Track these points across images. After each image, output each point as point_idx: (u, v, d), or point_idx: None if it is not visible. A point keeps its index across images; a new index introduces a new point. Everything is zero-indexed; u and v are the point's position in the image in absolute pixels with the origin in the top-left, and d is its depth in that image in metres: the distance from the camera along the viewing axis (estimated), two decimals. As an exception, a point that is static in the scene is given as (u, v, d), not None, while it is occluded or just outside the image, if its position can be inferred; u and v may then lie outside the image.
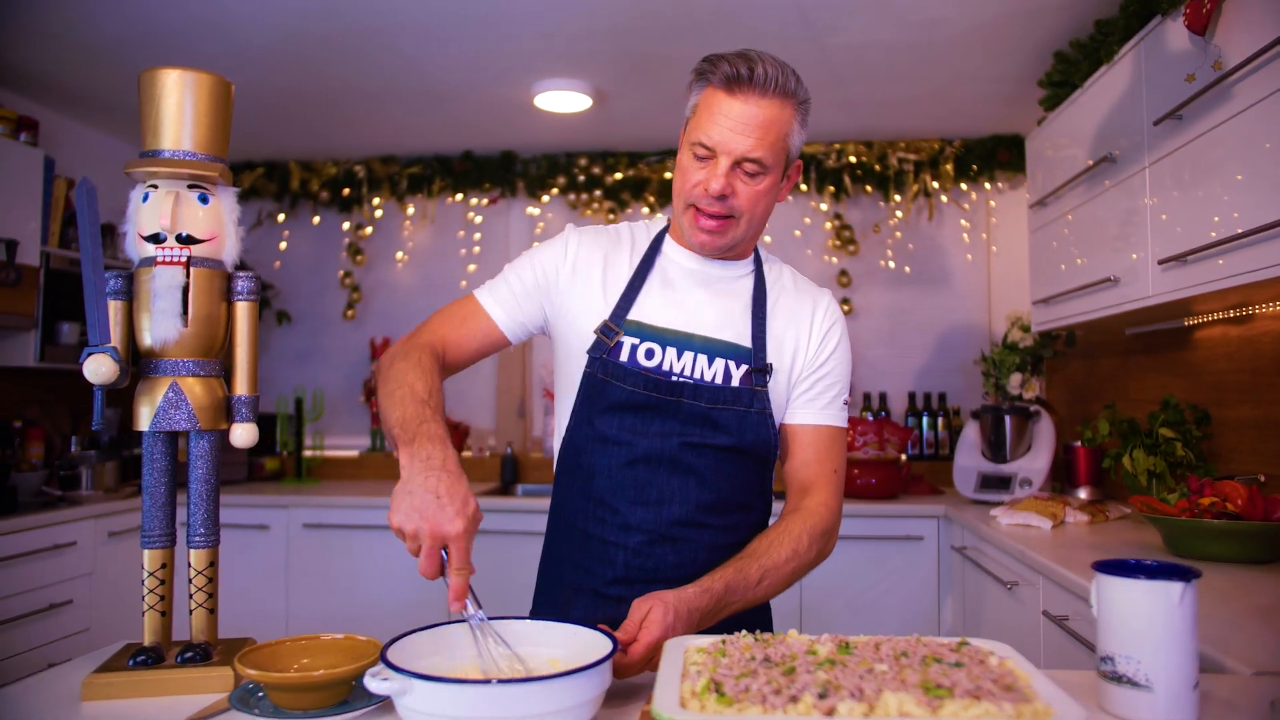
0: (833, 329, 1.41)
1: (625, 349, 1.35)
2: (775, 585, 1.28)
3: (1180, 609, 0.98)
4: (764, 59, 1.26)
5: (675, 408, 1.33)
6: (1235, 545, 1.91)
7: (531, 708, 0.85)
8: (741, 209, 1.31)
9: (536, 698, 0.85)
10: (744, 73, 1.24)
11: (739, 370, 1.35)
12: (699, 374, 1.34)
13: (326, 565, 3.33)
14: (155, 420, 1.13)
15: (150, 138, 1.15)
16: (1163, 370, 2.75)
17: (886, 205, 3.85)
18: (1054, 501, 2.63)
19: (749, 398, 1.35)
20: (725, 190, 1.28)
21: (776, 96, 1.26)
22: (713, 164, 1.28)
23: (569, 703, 0.87)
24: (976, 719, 0.75)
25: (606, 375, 1.34)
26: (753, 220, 1.34)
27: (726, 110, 1.26)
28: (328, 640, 1.10)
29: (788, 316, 1.40)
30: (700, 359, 1.35)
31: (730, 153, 1.26)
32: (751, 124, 1.25)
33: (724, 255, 1.41)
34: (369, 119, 3.58)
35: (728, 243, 1.35)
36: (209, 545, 1.18)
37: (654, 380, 1.33)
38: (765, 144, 1.26)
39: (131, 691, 1.07)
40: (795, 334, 1.39)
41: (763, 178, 1.29)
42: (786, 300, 1.41)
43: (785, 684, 0.81)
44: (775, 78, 1.25)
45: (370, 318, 4.14)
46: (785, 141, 1.29)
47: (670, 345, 1.35)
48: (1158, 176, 2.12)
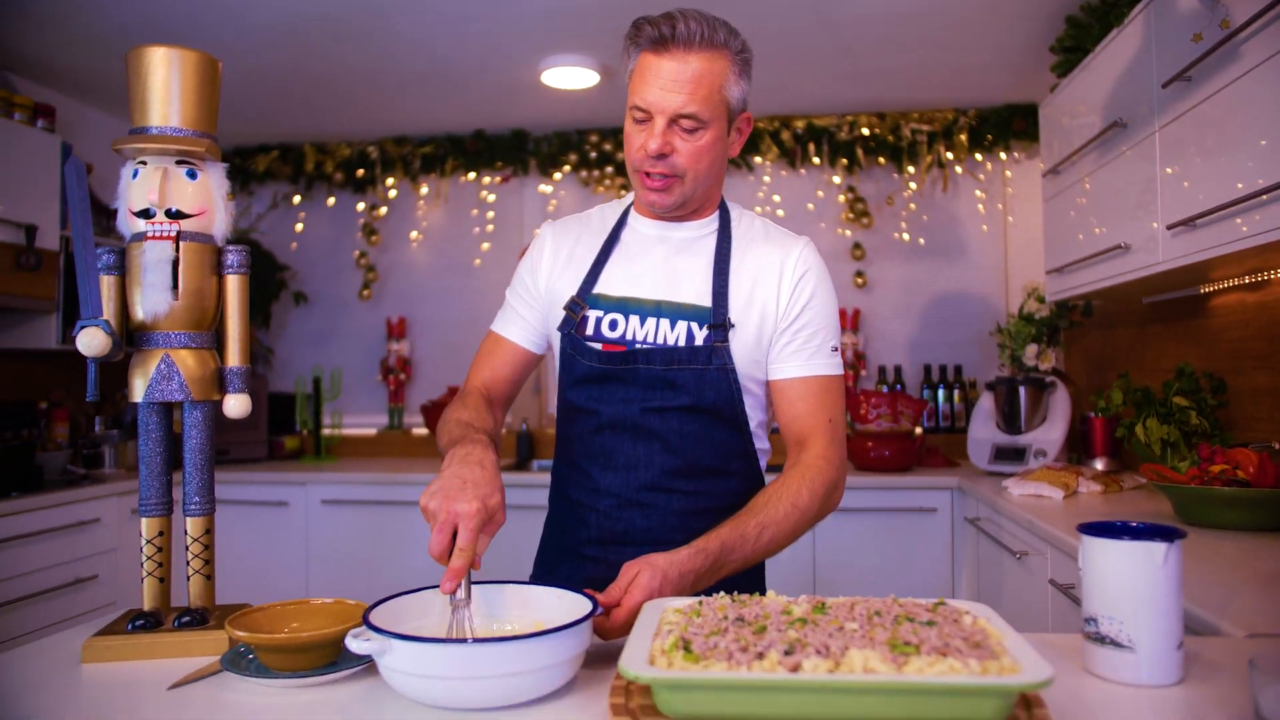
0: (806, 276, 1.38)
1: (590, 322, 1.38)
2: (776, 540, 1.26)
3: (1164, 570, 0.98)
4: (688, 16, 1.28)
5: (633, 375, 1.35)
6: (1245, 513, 1.88)
7: (508, 666, 0.87)
8: (684, 167, 1.32)
9: (513, 657, 0.87)
10: (667, 32, 1.27)
11: (702, 331, 1.35)
12: (661, 338, 1.35)
13: (345, 541, 3.38)
14: (149, 391, 1.15)
15: (138, 114, 1.17)
16: (1179, 339, 2.71)
17: (900, 177, 3.81)
18: (1067, 472, 2.61)
19: (707, 355, 1.34)
20: (664, 149, 1.29)
21: (703, 49, 1.27)
22: (650, 125, 1.30)
23: (545, 662, 0.89)
24: (940, 675, 0.75)
25: (573, 349, 1.39)
26: (699, 176, 1.34)
27: (656, 70, 1.28)
28: (317, 605, 1.12)
29: (757, 268, 1.38)
30: (663, 324, 1.36)
31: (664, 111, 1.28)
32: (680, 80, 1.27)
33: (683, 216, 1.41)
34: (381, 100, 3.59)
35: (675, 200, 1.35)
36: (205, 513, 1.20)
37: (610, 353, 1.36)
38: (698, 98, 1.27)
39: (129, 654, 1.10)
40: (766, 285, 1.37)
41: (702, 133, 1.30)
42: (756, 251, 1.40)
43: (753, 641, 0.82)
44: (699, 32, 1.27)
45: (386, 297, 4.17)
46: (721, 94, 1.30)
47: (633, 314, 1.37)
48: (1167, 140, 2.08)
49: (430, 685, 0.88)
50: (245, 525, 3.40)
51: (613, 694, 0.85)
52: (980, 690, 0.74)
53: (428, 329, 4.16)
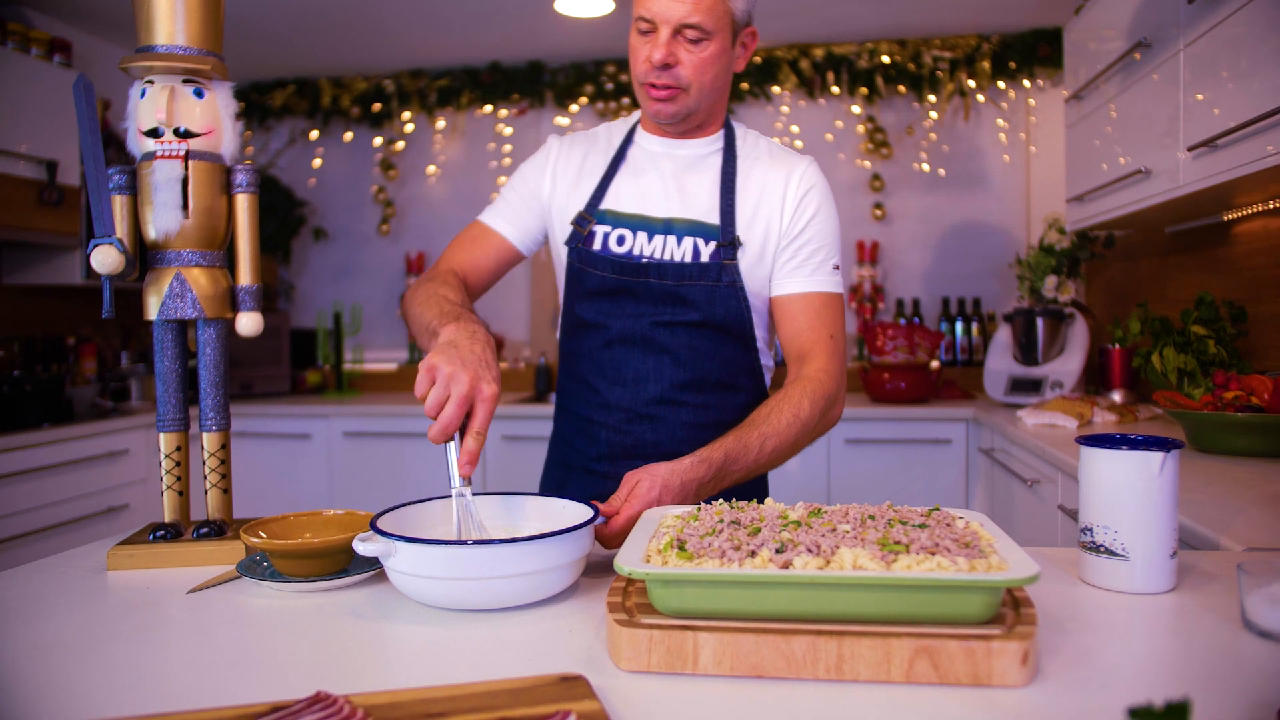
0: (809, 194, 1.39)
1: (598, 237, 1.40)
2: (779, 450, 1.28)
3: (1160, 479, 0.98)
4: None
5: (645, 289, 1.37)
6: (1259, 438, 1.88)
7: (510, 568, 0.90)
8: (688, 78, 1.32)
9: (515, 558, 0.89)
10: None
11: (708, 247, 1.36)
12: (668, 255, 1.37)
13: (366, 472, 3.45)
14: (163, 309, 1.18)
15: (144, 33, 1.18)
16: (1201, 269, 2.67)
17: (921, 106, 3.74)
18: (1082, 402, 2.61)
19: (717, 271, 1.36)
20: (668, 59, 1.30)
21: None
22: (654, 35, 1.30)
23: (546, 565, 0.91)
24: (929, 570, 0.77)
25: (581, 263, 1.40)
26: (703, 89, 1.34)
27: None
28: (329, 515, 1.15)
29: (761, 186, 1.39)
30: (669, 240, 1.37)
31: (668, 20, 1.28)
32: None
33: (688, 132, 1.42)
34: (396, 32, 3.56)
35: (679, 110, 1.35)
36: (221, 428, 1.23)
37: (621, 264, 1.37)
38: (702, 8, 1.28)
39: (151, 562, 1.15)
40: (769, 203, 1.38)
41: (707, 44, 1.30)
42: (760, 170, 1.41)
43: (746, 541, 0.84)
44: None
45: (405, 232, 4.18)
46: (724, 5, 1.30)
47: (640, 230, 1.38)
48: (1192, 60, 2.02)
49: (434, 586, 0.91)
50: (269, 457, 3.47)
51: (610, 593, 0.87)
52: (966, 585, 0.76)
53: (446, 264, 4.17)
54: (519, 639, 0.86)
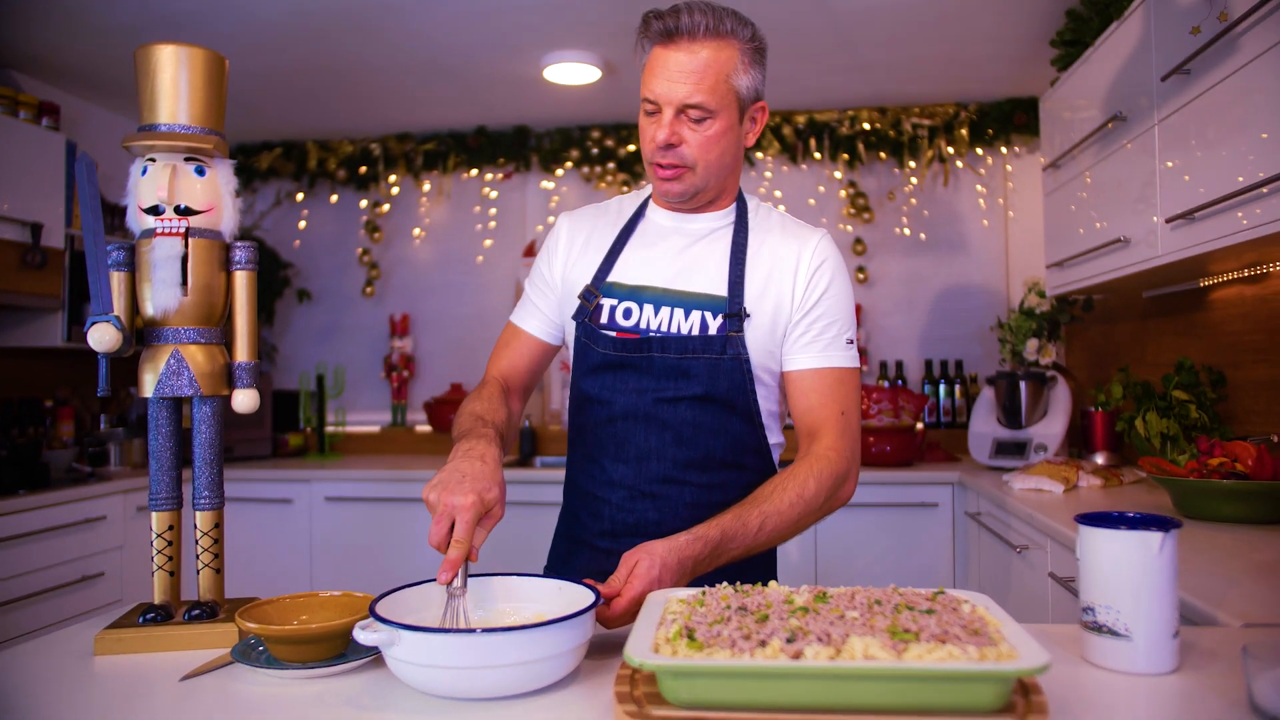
0: (822, 267, 1.38)
1: (605, 311, 1.40)
2: (779, 530, 1.26)
3: (1160, 559, 0.99)
4: (694, 8, 1.29)
5: (647, 363, 1.36)
6: (1244, 505, 1.89)
7: (513, 656, 0.88)
8: (693, 157, 1.33)
9: (518, 646, 0.88)
10: (673, 24, 1.29)
11: (716, 320, 1.36)
12: (675, 327, 1.36)
13: (348, 538, 3.39)
14: (159, 387, 1.17)
15: (147, 112, 1.18)
16: (1180, 333, 2.72)
17: (901, 172, 3.82)
18: (1067, 466, 2.63)
19: (721, 344, 1.35)
20: (671, 139, 1.31)
21: (709, 39, 1.29)
22: (659, 116, 1.32)
23: (550, 652, 0.90)
24: (940, 661, 0.77)
25: (587, 339, 1.41)
26: (709, 166, 1.34)
27: (664, 62, 1.30)
28: (325, 597, 1.13)
29: (773, 259, 1.38)
30: (677, 313, 1.37)
31: (670, 102, 1.29)
32: (687, 70, 1.28)
33: (699, 207, 1.42)
34: (383, 96, 3.60)
35: (686, 189, 1.36)
36: (214, 507, 1.22)
37: (624, 340, 1.37)
38: (704, 88, 1.28)
39: (141, 646, 1.12)
40: (781, 277, 1.37)
41: (711, 122, 1.31)
42: (772, 243, 1.40)
43: (756, 630, 0.83)
44: (704, 23, 1.28)
45: (389, 294, 4.19)
46: (728, 83, 1.30)
47: (647, 302, 1.38)
48: (1167, 133, 2.09)
49: (436, 675, 0.90)
50: (250, 523, 3.42)
51: (618, 683, 0.86)
52: (978, 676, 0.76)
53: (431, 326, 4.17)
54: (525, 730, 0.85)
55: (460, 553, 1.05)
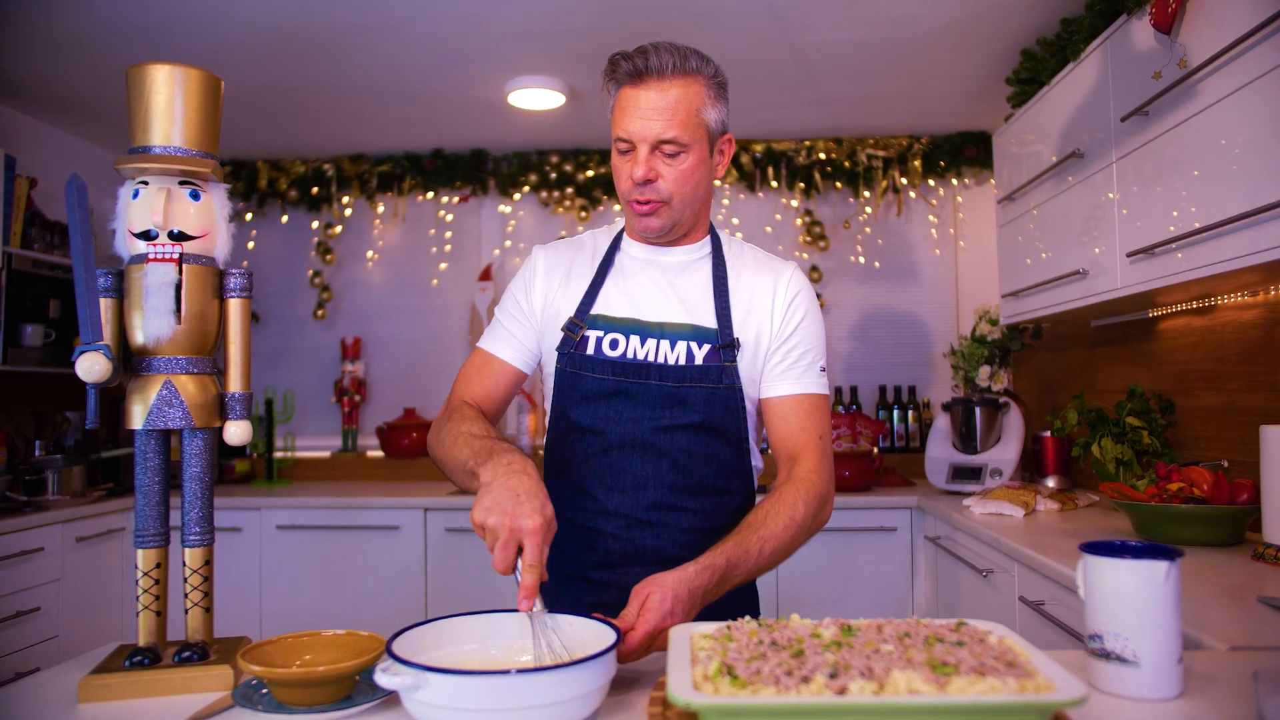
0: (797, 298, 1.43)
1: (591, 342, 1.41)
2: (776, 553, 1.29)
3: (1165, 587, 1.01)
4: (660, 48, 1.33)
5: (644, 390, 1.37)
6: (1202, 528, 1.96)
7: (548, 696, 0.86)
8: (669, 191, 1.35)
9: (553, 686, 0.86)
10: (641, 65, 1.32)
11: (701, 350, 1.38)
12: (662, 358, 1.38)
13: (300, 567, 3.29)
14: (149, 418, 1.12)
15: (140, 133, 1.14)
16: (1128, 361, 2.82)
17: (856, 201, 3.89)
18: (1025, 490, 2.69)
19: (717, 374, 1.38)
20: (648, 174, 1.33)
21: (677, 77, 1.32)
22: (634, 154, 1.34)
23: (581, 690, 0.89)
24: (983, 694, 0.77)
25: (576, 368, 1.40)
26: (685, 200, 1.37)
27: (635, 102, 1.32)
28: (329, 636, 1.09)
29: (751, 291, 1.43)
30: (663, 344, 1.39)
31: (645, 139, 1.32)
32: (658, 108, 1.31)
33: (675, 240, 1.45)
34: (339, 117, 3.54)
35: (665, 223, 1.39)
36: (204, 544, 1.17)
37: (621, 365, 1.38)
38: (676, 123, 1.32)
39: (130, 692, 1.07)
40: (759, 308, 1.42)
41: (685, 156, 1.34)
42: (748, 276, 1.44)
43: (795, 665, 0.83)
44: (671, 62, 1.32)
45: (341, 317, 4.10)
46: (698, 118, 1.34)
47: (633, 334, 1.40)
48: (1124, 171, 2.17)
49: (464, 718, 0.87)
50: (196, 552, 3.28)
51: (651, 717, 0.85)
52: (1023, 708, 0.77)
53: (383, 350, 4.10)
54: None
55: (536, 577, 1.04)
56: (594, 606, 1.35)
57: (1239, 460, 2.23)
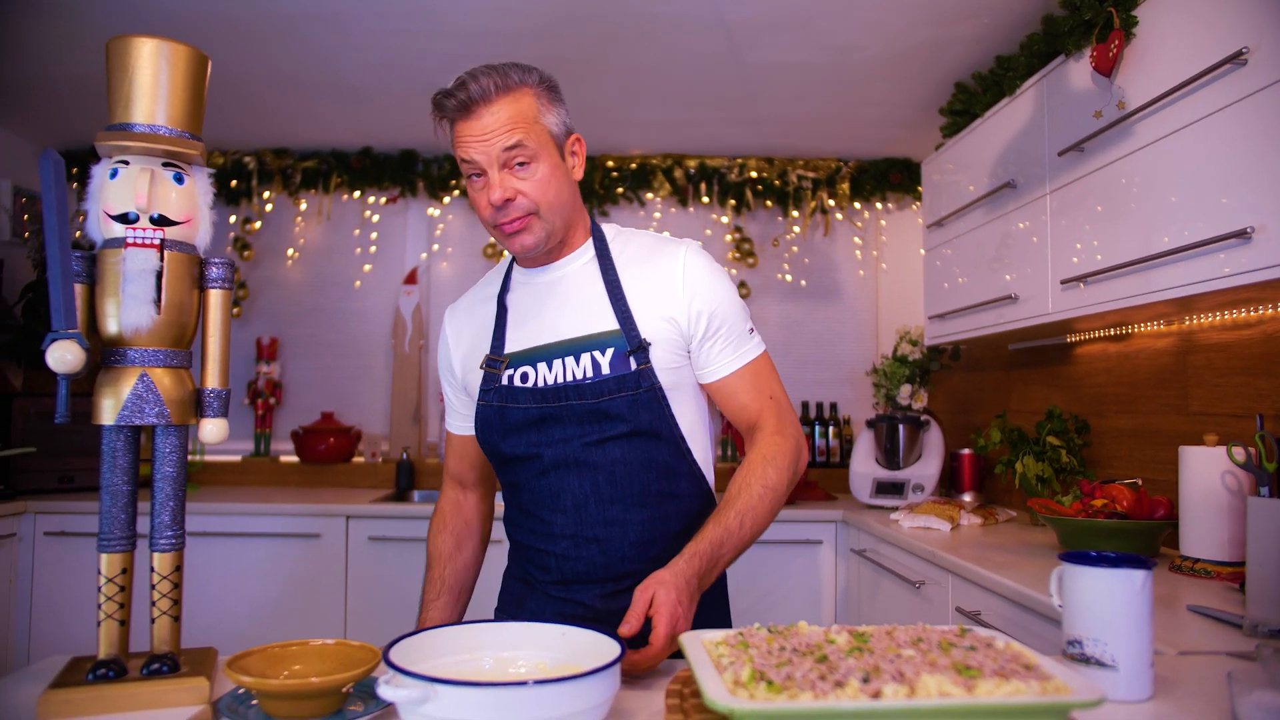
0: (699, 277, 1.39)
1: (504, 379, 1.41)
2: (758, 523, 1.32)
3: (1141, 594, 1.07)
4: (477, 74, 1.31)
5: (569, 412, 1.35)
6: (1124, 542, 2.08)
7: (564, 708, 0.84)
8: (533, 202, 1.33)
9: (566, 697, 0.84)
10: (464, 97, 1.30)
11: (606, 357, 1.35)
12: (570, 375, 1.36)
13: (212, 575, 3.13)
14: (122, 414, 1.06)
15: (121, 110, 1.08)
16: (1045, 383, 2.97)
17: (785, 220, 3.98)
18: (950, 505, 2.79)
19: (635, 379, 1.34)
20: (506, 193, 1.31)
21: (502, 95, 1.30)
22: (485, 179, 1.32)
23: (593, 701, 0.87)
24: (1010, 695, 0.80)
25: (502, 401, 1.39)
26: (551, 208, 1.34)
27: (470, 131, 1.30)
28: (318, 646, 1.05)
29: (650, 283, 1.39)
30: (568, 361, 1.37)
31: (491, 160, 1.30)
32: (492, 129, 1.29)
33: (555, 254, 1.43)
34: (265, 108, 3.41)
35: (539, 238, 1.36)
36: (175, 548, 1.11)
37: (542, 392, 1.36)
38: (519, 129, 1.30)
39: (96, 708, 1.00)
40: (664, 299, 1.38)
41: (536, 165, 1.32)
42: (645, 268, 1.41)
43: (826, 671, 0.84)
44: (491, 84, 1.30)
45: (257, 316, 3.94)
46: (538, 123, 1.33)
47: (539, 361, 1.38)
48: (1058, 203, 2.29)
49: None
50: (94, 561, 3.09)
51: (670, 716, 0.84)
52: (1047, 708, 0.80)
53: (301, 351, 3.95)
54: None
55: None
56: (556, 616, 1.36)
57: (1150, 479, 2.36)
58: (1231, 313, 2.11)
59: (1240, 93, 1.63)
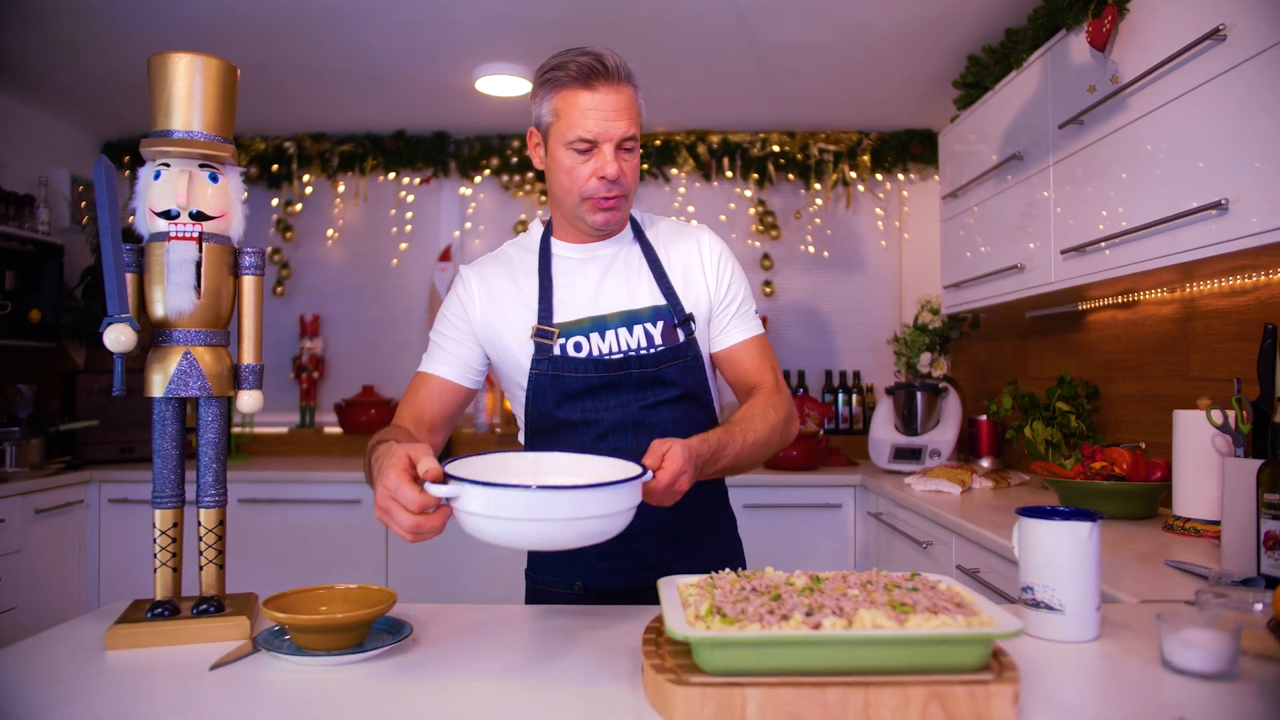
0: (721, 257, 1.57)
1: (556, 349, 1.49)
2: (756, 446, 1.43)
3: (1088, 544, 1.16)
4: (604, 51, 1.41)
5: (626, 379, 1.49)
6: (1122, 503, 2.15)
7: (572, 511, 1.02)
8: (629, 184, 1.48)
9: (574, 503, 1.02)
10: (598, 66, 1.40)
11: (657, 328, 1.50)
12: (624, 346, 1.49)
13: (262, 539, 3.34)
14: (170, 387, 1.20)
15: (161, 118, 1.21)
16: (1058, 350, 3.02)
17: (807, 193, 4.05)
18: (962, 469, 2.87)
19: (686, 349, 1.51)
20: (618, 172, 1.43)
21: (625, 79, 1.43)
22: (598, 153, 1.43)
23: (604, 510, 1.05)
24: (937, 628, 0.91)
25: (557, 370, 1.48)
26: (633, 193, 1.51)
27: (593, 103, 1.40)
28: (343, 590, 1.19)
29: (682, 261, 1.56)
30: (621, 333, 1.49)
31: (611, 138, 1.42)
32: (618, 108, 1.41)
33: (607, 233, 1.55)
34: (303, 96, 3.56)
35: (624, 216, 1.53)
36: (218, 505, 1.25)
37: (604, 363, 1.47)
38: (634, 121, 1.44)
39: (154, 640, 1.15)
40: (694, 275, 1.55)
41: (635, 154, 1.48)
42: (674, 247, 1.57)
43: (776, 606, 0.95)
44: (620, 65, 1.42)
45: (299, 294, 4.12)
46: (641, 116, 1.47)
47: (592, 332, 1.49)
48: (1060, 175, 2.34)
49: (501, 526, 1.02)
50: (155, 525, 3.31)
51: (646, 656, 0.97)
52: (969, 639, 0.90)
53: (342, 327, 4.13)
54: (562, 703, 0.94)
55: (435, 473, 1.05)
56: (615, 570, 1.51)
57: (1154, 442, 2.43)
58: (1229, 280, 2.15)
59: (1220, 68, 1.68)
